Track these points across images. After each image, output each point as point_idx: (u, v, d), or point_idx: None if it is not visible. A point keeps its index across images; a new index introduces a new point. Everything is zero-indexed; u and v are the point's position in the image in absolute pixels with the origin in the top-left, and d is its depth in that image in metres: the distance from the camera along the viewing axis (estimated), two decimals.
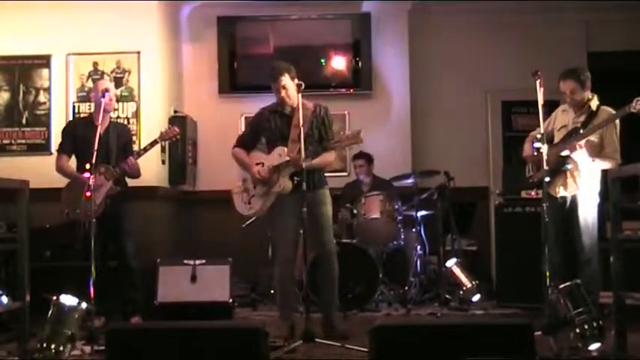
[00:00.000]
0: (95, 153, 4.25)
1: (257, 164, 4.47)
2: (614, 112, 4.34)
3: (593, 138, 4.34)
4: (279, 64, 4.50)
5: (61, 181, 4.90)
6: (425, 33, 7.03)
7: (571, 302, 3.60)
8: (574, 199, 4.45)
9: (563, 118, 4.60)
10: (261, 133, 4.57)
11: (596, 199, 4.44)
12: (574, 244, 4.45)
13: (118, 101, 5.80)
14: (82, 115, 5.82)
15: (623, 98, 4.12)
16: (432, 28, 7.09)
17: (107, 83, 5.16)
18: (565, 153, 4.35)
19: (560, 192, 4.47)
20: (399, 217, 5.76)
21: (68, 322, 3.50)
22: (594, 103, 4.47)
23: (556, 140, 4.56)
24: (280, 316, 4.48)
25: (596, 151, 4.35)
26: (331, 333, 4.26)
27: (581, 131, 4.34)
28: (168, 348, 2.94)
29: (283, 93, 4.39)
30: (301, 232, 4.23)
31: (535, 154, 4.36)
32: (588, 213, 4.42)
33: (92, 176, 4.19)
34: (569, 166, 4.39)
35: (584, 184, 4.43)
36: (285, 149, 4.29)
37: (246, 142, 4.62)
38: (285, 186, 4.32)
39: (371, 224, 5.70)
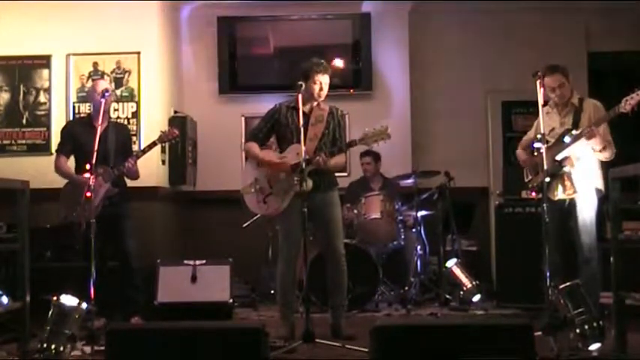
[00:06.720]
0: (95, 154, 4.21)
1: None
2: (598, 103, 4.41)
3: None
4: (324, 62, 4.42)
5: (62, 182, 4.90)
6: (425, 33, 7.03)
7: (571, 302, 3.60)
8: (572, 201, 4.44)
9: (549, 121, 4.54)
10: (276, 128, 4.46)
11: (595, 200, 4.43)
12: (574, 245, 4.45)
13: (117, 102, 5.81)
14: (80, 116, 5.82)
15: (623, 99, 4.11)
16: (432, 28, 7.08)
17: (106, 83, 5.16)
18: (581, 143, 4.29)
19: (559, 195, 4.46)
20: (400, 217, 5.76)
21: (68, 323, 3.51)
22: (576, 99, 4.51)
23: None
24: (281, 316, 4.48)
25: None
26: (338, 336, 4.26)
27: (574, 132, 4.33)
28: (168, 348, 2.94)
29: (324, 87, 4.34)
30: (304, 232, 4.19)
31: (535, 154, 4.36)
32: (587, 213, 4.41)
33: (92, 177, 4.16)
34: (566, 169, 4.39)
35: (581, 186, 4.42)
36: (303, 147, 4.10)
37: (260, 136, 4.49)
38: (309, 185, 4.15)
39: (371, 224, 5.69)
